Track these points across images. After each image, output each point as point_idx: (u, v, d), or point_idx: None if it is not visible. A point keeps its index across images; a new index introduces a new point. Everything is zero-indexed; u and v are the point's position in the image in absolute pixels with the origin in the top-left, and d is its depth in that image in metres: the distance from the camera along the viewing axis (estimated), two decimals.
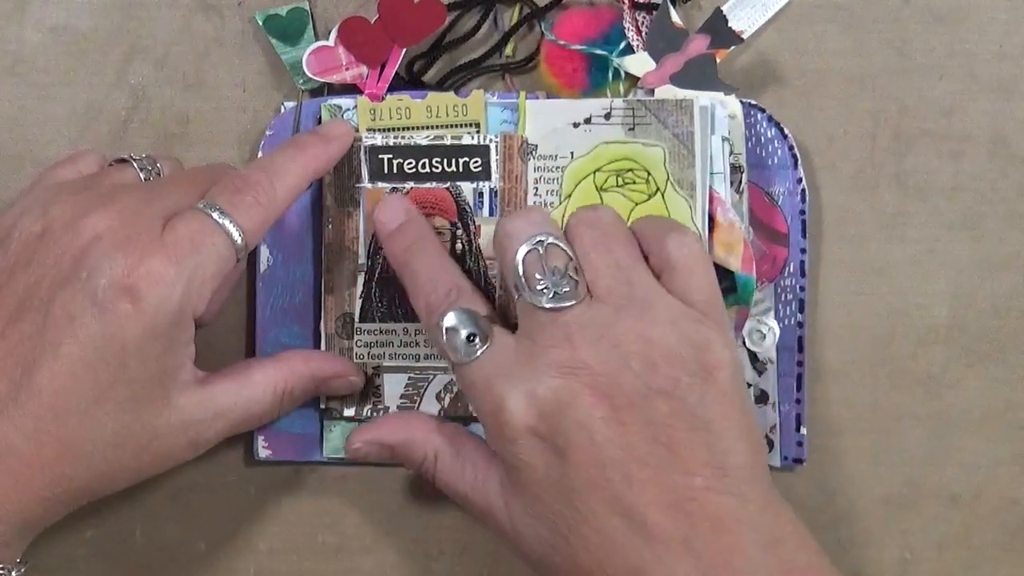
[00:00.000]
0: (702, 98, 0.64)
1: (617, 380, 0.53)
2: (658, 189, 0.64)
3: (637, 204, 0.64)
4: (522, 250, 0.56)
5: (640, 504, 0.52)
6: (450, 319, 0.57)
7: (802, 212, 0.66)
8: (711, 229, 0.64)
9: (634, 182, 0.64)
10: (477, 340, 0.56)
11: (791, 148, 0.66)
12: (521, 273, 0.56)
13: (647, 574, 0.51)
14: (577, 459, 0.52)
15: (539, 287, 0.55)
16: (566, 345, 0.54)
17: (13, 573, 0.57)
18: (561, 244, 0.57)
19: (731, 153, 0.64)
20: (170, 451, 0.58)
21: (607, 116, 0.64)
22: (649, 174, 0.64)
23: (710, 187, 0.64)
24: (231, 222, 0.57)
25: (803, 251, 0.66)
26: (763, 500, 0.53)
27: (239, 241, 0.58)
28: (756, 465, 0.54)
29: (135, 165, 0.62)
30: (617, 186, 0.64)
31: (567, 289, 0.55)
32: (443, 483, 0.60)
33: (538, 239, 0.56)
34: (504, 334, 0.56)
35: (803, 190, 0.66)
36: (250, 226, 0.58)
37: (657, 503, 0.52)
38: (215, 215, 0.57)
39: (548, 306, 0.55)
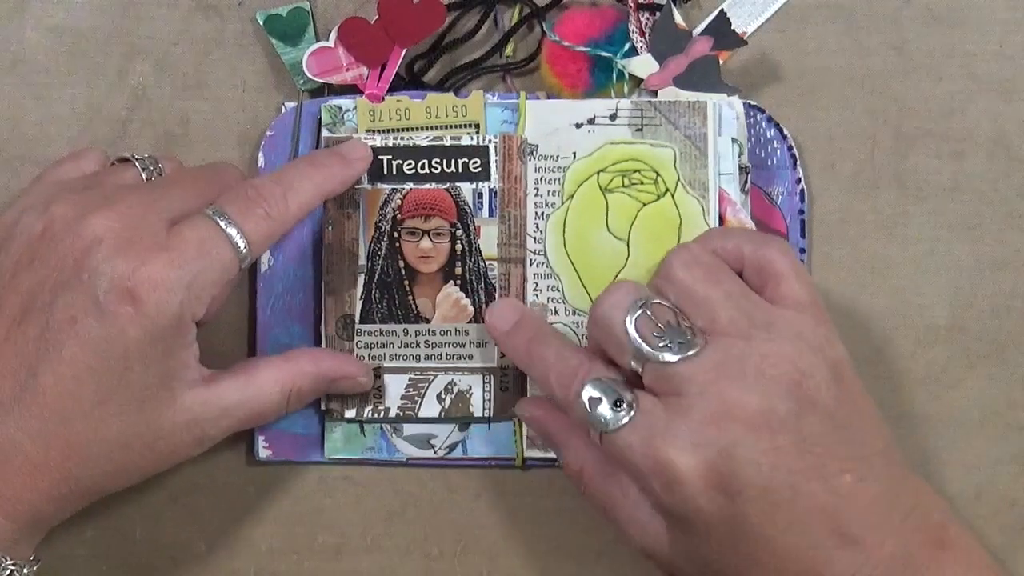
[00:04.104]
0: (712, 100, 0.64)
1: (770, 408, 0.54)
2: (667, 190, 0.64)
3: (645, 205, 0.64)
4: (630, 319, 0.55)
5: (804, 516, 0.53)
6: (590, 389, 0.56)
7: (801, 212, 0.66)
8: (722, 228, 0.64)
9: (641, 183, 0.64)
10: (624, 405, 0.55)
11: (790, 148, 0.66)
12: (639, 340, 0.55)
13: (813, 573, 0.54)
14: (748, 495, 0.53)
15: (661, 345, 0.55)
16: (712, 390, 0.54)
17: (25, 570, 0.57)
18: (663, 302, 0.56)
19: (740, 154, 0.64)
20: (176, 448, 0.58)
21: (612, 117, 0.64)
22: (658, 175, 0.64)
23: (719, 187, 0.64)
24: (238, 231, 0.57)
25: (802, 251, 0.66)
26: (899, 476, 0.56)
27: (244, 251, 0.58)
28: (888, 445, 0.56)
29: (137, 165, 0.62)
30: (623, 186, 0.64)
31: (689, 337, 0.55)
32: (589, 498, 0.60)
33: (640, 303, 0.56)
34: (647, 396, 0.55)
35: (802, 190, 0.66)
36: (256, 237, 0.58)
37: (819, 510, 0.53)
38: (222, 223, 0.57)
39: (677, 359, 0.54)
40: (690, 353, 0.55)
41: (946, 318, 0.66)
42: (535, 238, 0.65)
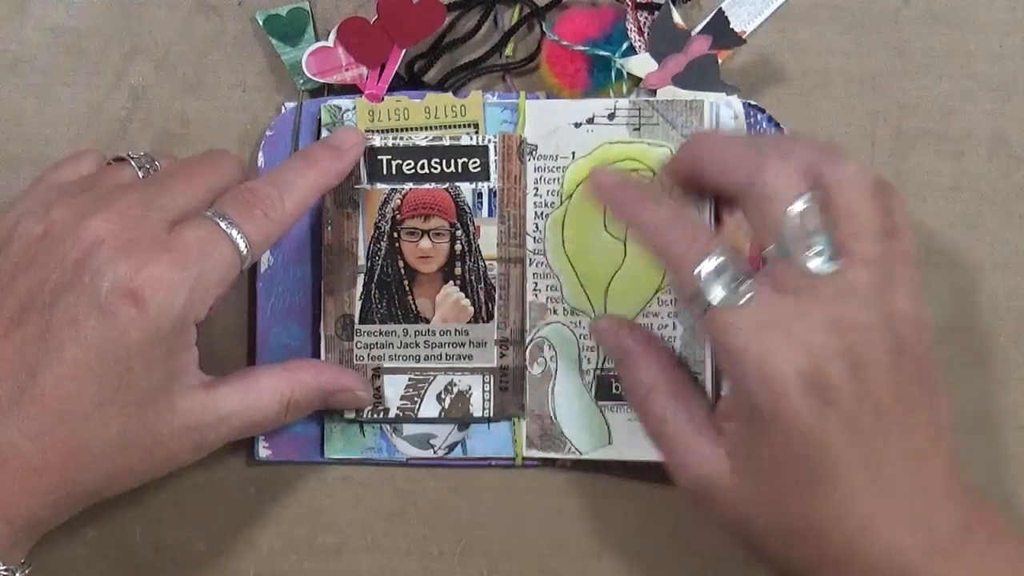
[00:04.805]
0: (709, 99, 0.64)
1: (878, 341, 0.54)
2: (664, 189, 0.64)
3: None
4: (798, 205, 0.56)
5: (883, 459, 0.54)
6: (714, 260, 0.56)
7: None
8: (717, 229, 0.64)
9: None
10: (745, 286, 0.55)
11: None
12: (794, 233, 0.56)
13: (877, 519, 0.54)
14: (841, 413, 0.54)
15: (811, 250, 0.55)
16: (835, 305, 0.54)
17: (18, 574, 0.57)
18: (822, 205, 0.56)
19: None
20: (174, 454, 0.58)
21: (611, 116, 0.64)
22: (655, 174, 0.64)
23: None
24: (239, 232, 0.57)
25: None
26: (957, 455, 0.56)
27: (245, 251, 0.58)
28: (952, 415, 0.57)
29: (133, 163, 0.62)
30: None
31: (833, 251, 0.55)
32: (648, 421, 0.60)
33: (808, 199, 0.56)
34: (766, 286, 0.55)
35: None
36: (257, 238, 0.58)
37: (896, 458, 0.54)
38: (223, 224, 0.57)
39: (817, 267, 0.55)
40: (832, 268, 0.55)
41: (946, 318, 0.66)
42: (535, 238, 0.65)
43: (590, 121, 0.65)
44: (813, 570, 0.55)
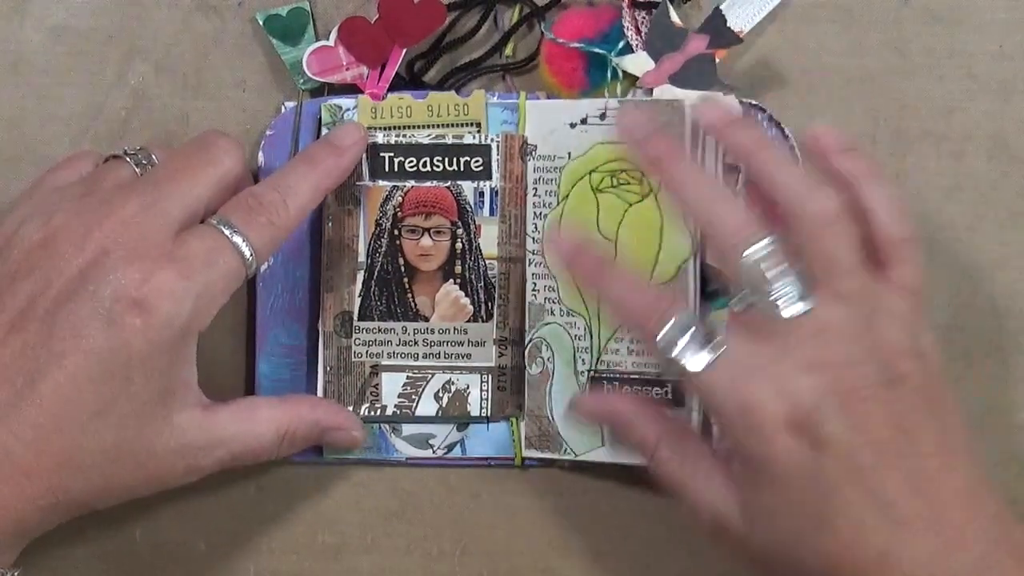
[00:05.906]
0: (692, 98, 0.63)
1: (864, 375, 0.54)
2: (651, 190, 0.64)
3: (631, 205, 0.64)
4: (752, 252, 0.55)
5: (890, 491, 0.53)
6: (671, 330, 0.56)
7: None
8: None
9: (628, 183, 0.64)
10: (709, 345, 0.55)
11: (792, 148, 0.66)
12: (755, 278, 0.55)
13: (893, 556, 0.53)
14: (835, 451, 0.53)
15: (777, 293, 0.55)
16: (812, 345, 0.54)
17: None
18: (783, 245, 0.56)
19: (726, 154, 0.64)
20: (166, 473, 0.58)
21: (602, 116, 0.64)
22: (643, 174, 0.64)
23: None
24: (244, 240, 0.57)
25: None
26: (982, 478, 0.55)
27: (250, 259, 0.57)
28: (968, 441, 0.56)
29: (130, 160, 0.61)
30: (612, 186, 0.64)
31: (801, 292, 0.55)
32: (660, 470, 0.60)
33: (766, 240, 0.56)
34: (735, 335, 0.55)
35: None
36: (261, 245, 0.58)
37: (903, 488, 0.53)
38: (228, 232, 0.57)
39: (787, 314, 0.55)
40: (804, 308, 0.55)
41: (946, 318, 0.66)
42: (533, 238, 0.65)
43: (584, 121, 0.65)
44: None
